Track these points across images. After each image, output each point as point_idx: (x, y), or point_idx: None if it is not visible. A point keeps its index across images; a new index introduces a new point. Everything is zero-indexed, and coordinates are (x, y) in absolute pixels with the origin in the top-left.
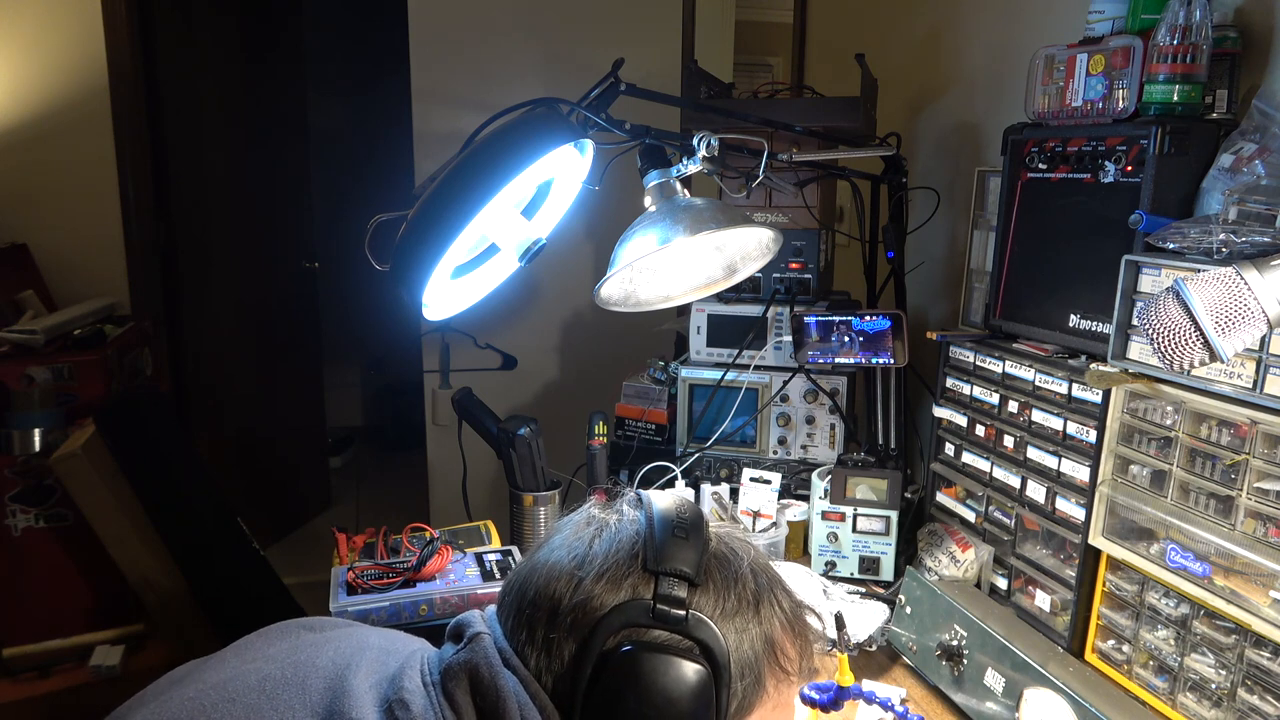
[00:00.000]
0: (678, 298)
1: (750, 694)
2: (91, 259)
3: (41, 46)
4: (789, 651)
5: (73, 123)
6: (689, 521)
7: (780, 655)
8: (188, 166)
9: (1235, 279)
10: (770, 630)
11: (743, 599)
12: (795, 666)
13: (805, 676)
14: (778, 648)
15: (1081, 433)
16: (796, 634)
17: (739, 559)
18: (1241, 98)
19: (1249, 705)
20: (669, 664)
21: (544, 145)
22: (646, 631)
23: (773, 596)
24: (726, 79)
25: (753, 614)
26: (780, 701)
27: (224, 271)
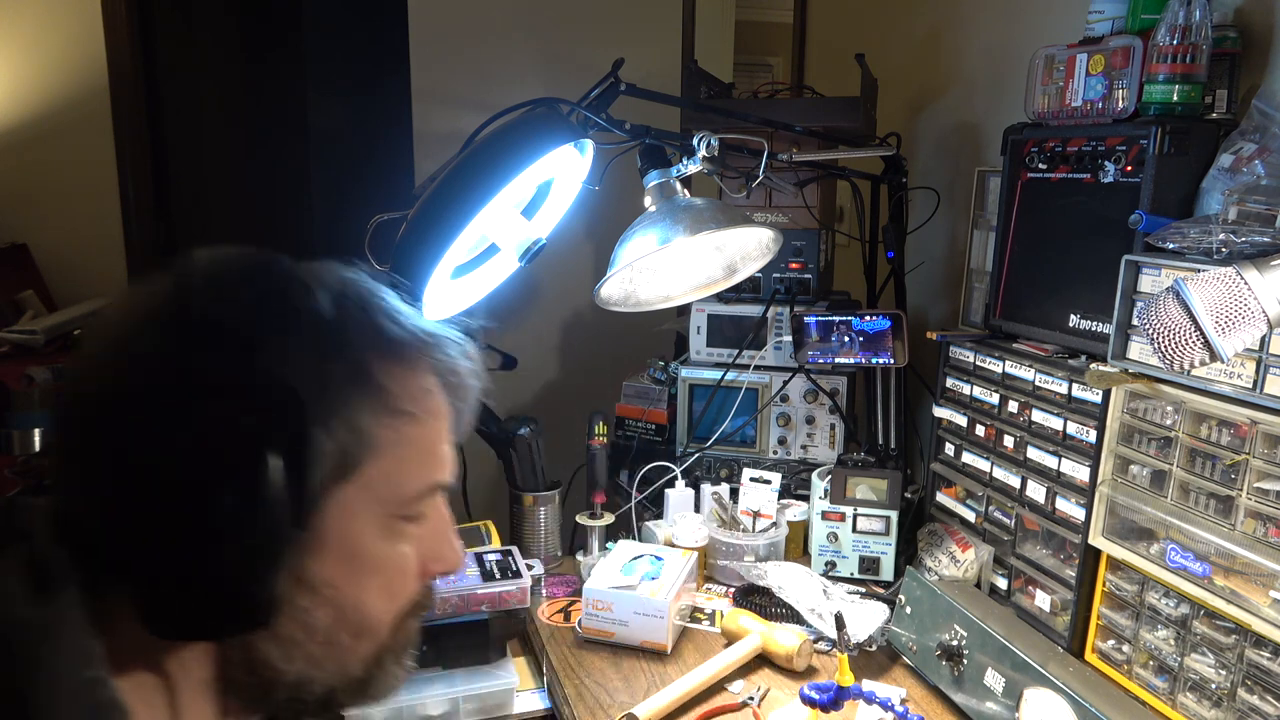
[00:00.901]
0: (678, 298)
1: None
2: (91, 259)
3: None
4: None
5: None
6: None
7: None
8: (188, 166)
9: (1235, 279)
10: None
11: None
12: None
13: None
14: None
15: (1081, 433)
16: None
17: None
18: (1241, 98)
19: (1249, 705)
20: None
21: (544, 145)
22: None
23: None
24: (726, 79)
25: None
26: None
27: None
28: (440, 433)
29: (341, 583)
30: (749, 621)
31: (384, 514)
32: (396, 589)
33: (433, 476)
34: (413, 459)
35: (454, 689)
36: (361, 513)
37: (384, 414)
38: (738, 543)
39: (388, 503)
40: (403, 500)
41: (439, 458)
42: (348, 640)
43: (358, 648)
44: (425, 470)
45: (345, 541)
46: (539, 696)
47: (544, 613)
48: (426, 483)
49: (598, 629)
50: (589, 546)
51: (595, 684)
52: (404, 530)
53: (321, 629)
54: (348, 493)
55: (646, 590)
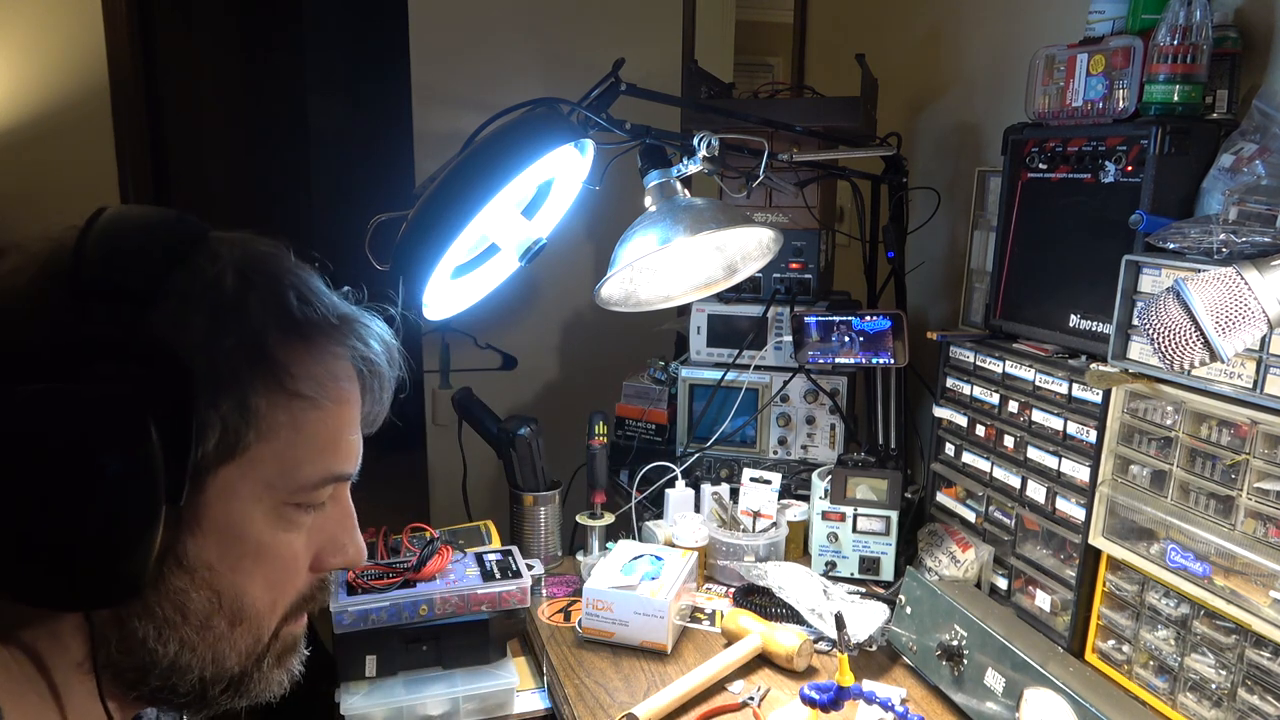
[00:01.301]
0: (678, 298)
1: (238, 425)
2: None
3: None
4: (309, 370)
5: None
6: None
7: (289, 376)
8: (188, 166)
9: (1235, 279)
10: (263, 345)
11: (219, 311)
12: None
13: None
14: (281, 367)
15: (1081, 433)
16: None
17: (216, 259)
18: (1242, 98)
19: (1249, 705)
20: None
21: (544, 145)
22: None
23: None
24: (726, 79)
25: (232, 326)
26: (308, 432)
27: None
28: (344, 421)
29: (221, 566)
30: (749, 621)
31: (273, 500)
32: (281, 579)
33: (330, 466)
34: (308, 445)
35: (454, 689)
36: (247, 496)
37: (280, 395)
38: (738, 543)
39: (277, 489)
40: (294, 487)
41: (340, 447)
42: (224, 627)
43: (235, 638)
44: (322, 459)
45: (227, 524)
46: (539, 696)
47: (544, 613)
48: (322, 472)
49: (598, 629)
50: (589, 546)
51: (595, 684)
52: (295, 519)
53: (197, 612)
54: (233, 473)
55: (646, 590)
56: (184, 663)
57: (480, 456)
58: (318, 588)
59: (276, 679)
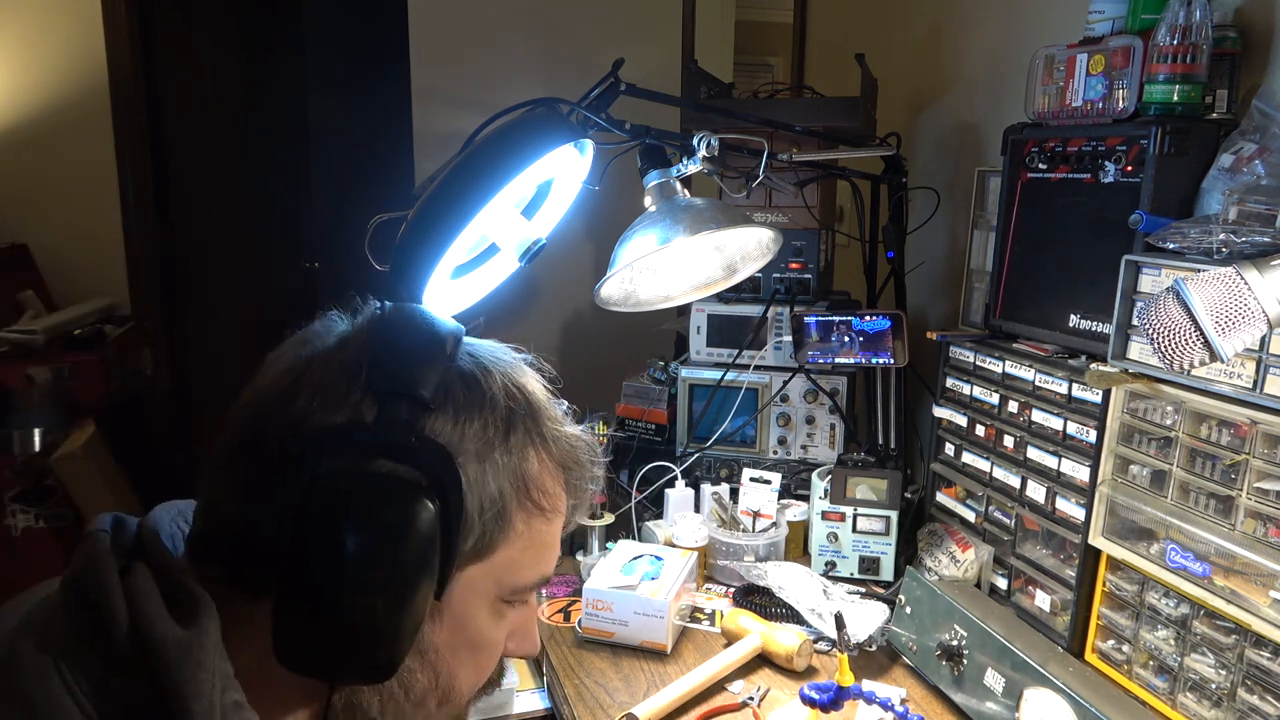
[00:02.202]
0: (678, 298)
1: (493, 530)
2: (91, 259)
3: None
4: (546, 485)
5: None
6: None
7: (535, 489)
8: (188, 166)
9: (1235, 279)
10: (522, 460)
11: (489, 424)
12: (553, 503)
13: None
14: (531, 480)
15: (1081, 433)
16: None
17: (489, 377)
18: (1241, 98)
19: (1249, 705)
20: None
21: (544, 145)
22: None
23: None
24: (726, 79)
25: (500, 441)
26: (535, 540)
27: (224, 271)
28: (558, 531)
29: (445, 651)
30: (749, 621)
31: (496, 597)
32: (485, 666)
33: (544, 570)
34: (534, 551)
35: None
36: (481, 592)
37: (526, 505)
38: (738, 543)
39: (504, 587)
40: (516, 588)
41: (553, 552)
42: (433, 706)
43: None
44: (541, 563)
45: (462, 615)
46: (539, 696)
47: (544, 613)
48: (539, 575)
49: (598, 629)
50: (589, 546)
51: (595, 684)
52: (506, 614)
53: (417, 690)
54: (477, 571)
55: (646, 590)
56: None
57: None
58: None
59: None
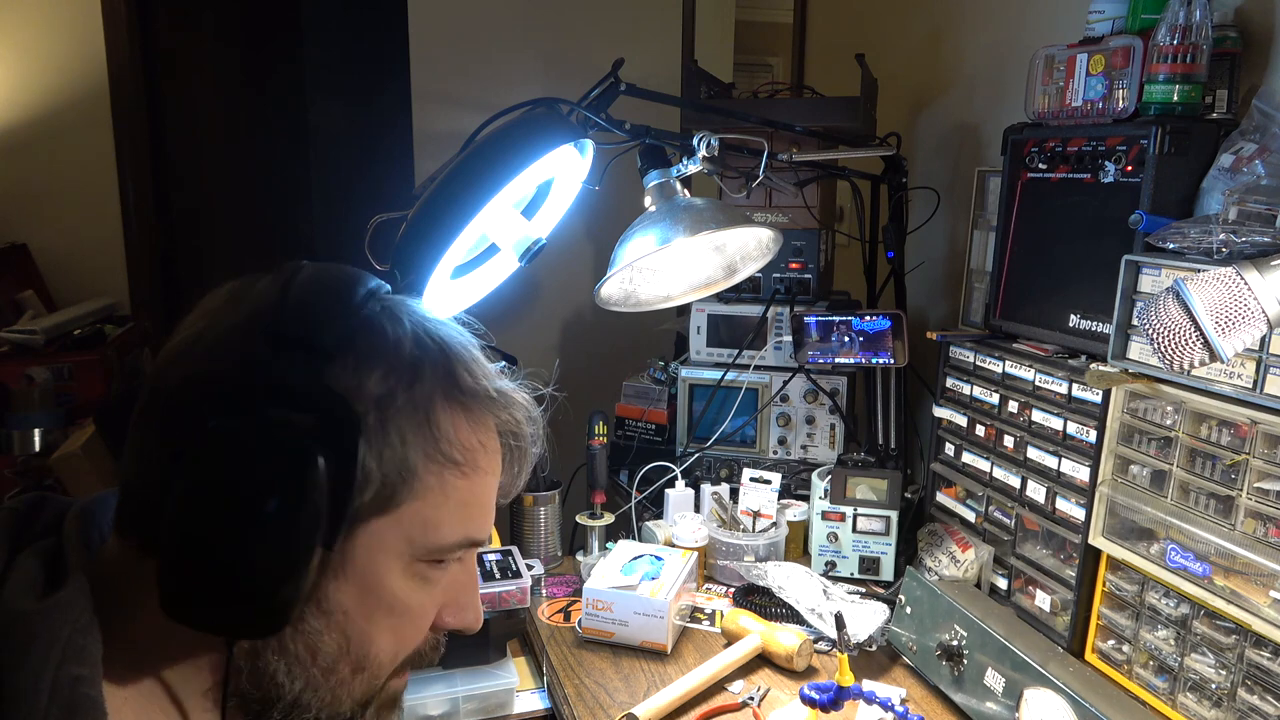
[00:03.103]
0: (678, 298)
1: (396, 482)
2: (91, 259)
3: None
4: (460, 439)
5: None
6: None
7: (445, 442)
8: (188, 166)
9: (1235, 279)
10: (429, 410)
11: (393, 371)
12: (470, 458)
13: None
14: (440, 432)
15: (1081, 433)
16: (477, 419)
17: (398, 325)
18: (1241, 98)
19: (1249, 705)
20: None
21: (544, 145)
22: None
23: (441, 372)
24: (726, 79)
25: (404, 388)
26: (452, 497)
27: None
28: (486, 490)
29: (355, 613)
30: (749, 621)
31: (411, 556)
32: (406, 633)
33: (468, 531)
34: (452, 509)
35: (454, 689)
36: (390, 549)
37: (436, 458)
38: (738, 543)
39: (418, 546)
40: (433, 548)
41: (478, 514)
42: (346, 673)
43: (353, 684)
44: (462, 523)
45: (369, 574)
46: (539, 696)
47: (544, 613)
48: (460, 535)
49: (598, 629)
50: (589, 546)
51: (595, 684)
52: (428, 576)
53: (326, 654)
54: (381, 526)
55: (646, 590)
56: (305, 701)
57: None
58: (432, 646)
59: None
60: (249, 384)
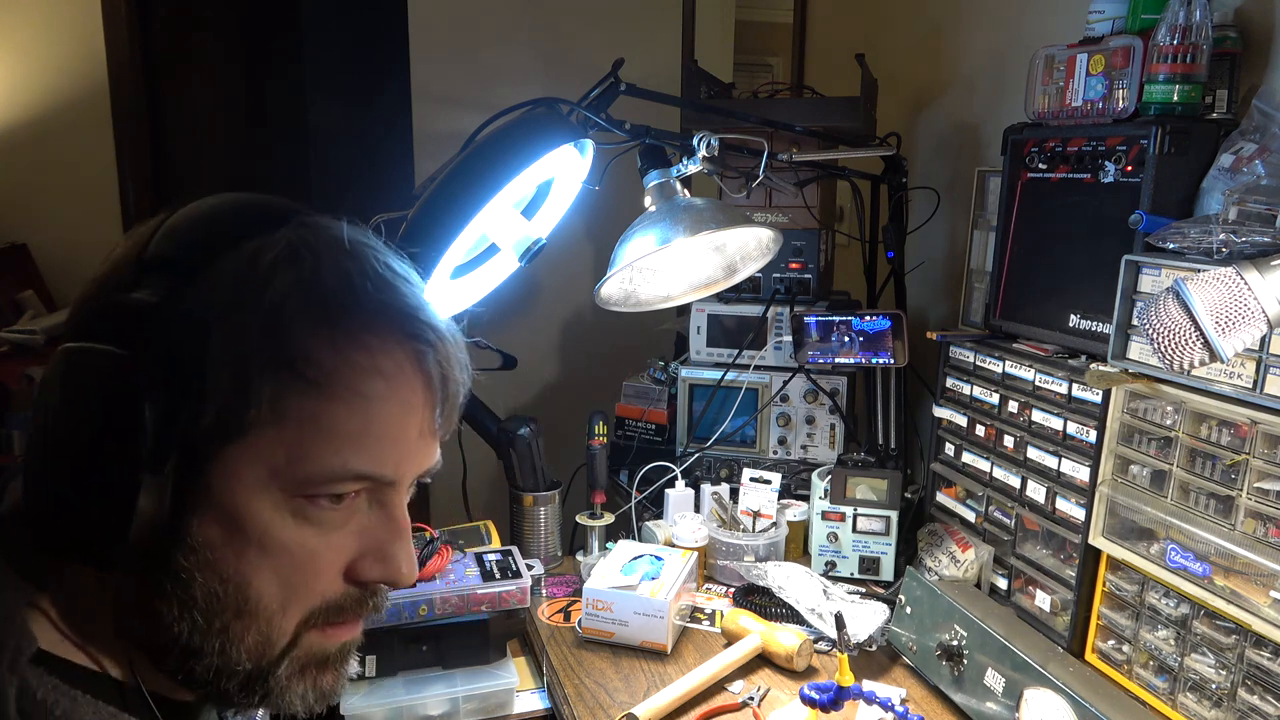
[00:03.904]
0: (678, 298)
1: (238, 405)
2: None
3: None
4: (319, 357)
5: (73, 123)
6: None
7: (300, 360)
8: (188, 166)
9: (1235, 279)
10: (276, 322)
11: (242, 284)
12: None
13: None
14: (293, 348)
15: (1081, 433)
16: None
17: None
18: (1241, 98)
19: (1249, 705)
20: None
21: (544, 145)
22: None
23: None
24: (726, 79)
25: (252, 300)
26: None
27: None
28: (379, 418)
29: (224, 551)
30: (749, 621)
31: (281, 489)
32: (294, 577)
33: (350, 463)
34: (323, 438)
35: (454, 689)
36: (252, 481)
37: (291, 380)
38: (738, 543)
39: (285, 477)
40: (305, 479)
41: (368, 444)
42: (229, 617)
43: (240, 631)
44: (339, 454)
45: (230, 507)
46: (539, 696)
47: (544, 613)
48: (338, 467)
49: (598, 629)
50: (589, 546)
51: (595, 684)
52: (312, 515)
53: (203, 596)
54: (237, 455)
55: (646, 590)
56: (195, 646)
57: (480, 456)
58: (356, 599)
59: (298, 691)
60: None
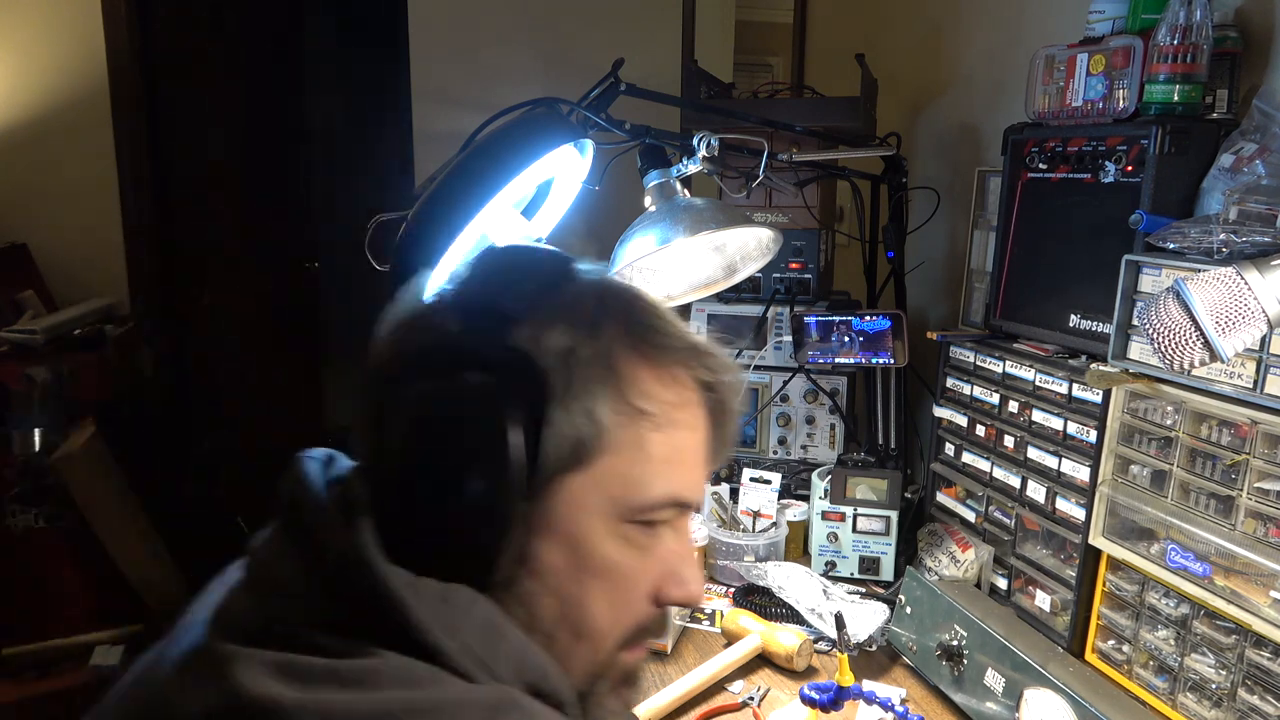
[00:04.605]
0: (678, 298)
1: (587, 435)
2: (91, 259)
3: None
4: (649, 389)
5: (73, 123)
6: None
7: (633, 392)
8: (188, 166)
9: (1235, 279)
10: (611, 359)
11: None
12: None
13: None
14: (627, 382)
15: (1082, 433)
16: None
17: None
18: (1242, 98)
19: (1249, 705)
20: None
21: (544, 145)
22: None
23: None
24: (726, 79)
25: (587, 340)
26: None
27: (224, 271)
28: (688, 447)
29: (565, 574)
30: (749, 621)
31: (614, 515)
32: (621, 600)
33: (671, 489)
34: (651, 464)
35: None
36: (591, 507)
37: (626, 411)
38: (738, 543)
39: (619, 504)
40: (635, 506)
41: (682, 471)
42: (568, 639)
43: (577, 651)
44: (662, 480)
45: (574, 533)
46: None
47: None
48: (662, 493)
49: None
50: None
51: None
52: (636, 539)
53: (544, 618)
54: (580, 483)
55: None
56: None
57: None
58: (658, 621)
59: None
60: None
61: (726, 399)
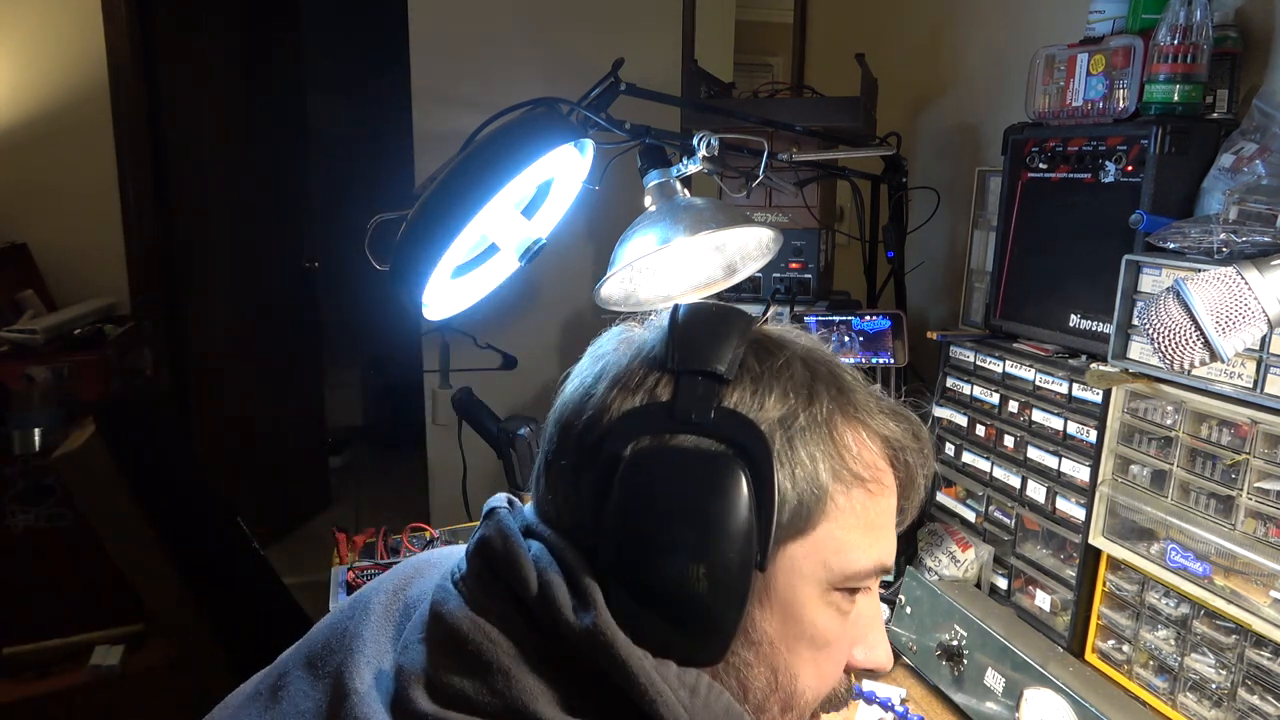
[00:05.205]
0: (678, 298)
1: (810, 501)
2: (91, 259)
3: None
4: (864, 456)
5: (73, 123)
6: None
7: (850, 458)
8: (188, 166)
9: (1236, 279)
10: (830, 427)
11: (790, 391)
12: (875, 475)
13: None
14: (844, 448)
15: (1082, 433)
16: (874, 436)
17: (784, 349)
18: (1242, 97)
19: (1249, 705)
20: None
21: (544, 145)
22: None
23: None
24: (726, 79)
25: (804, 407)
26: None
27: (224, 271)
28: (889, 511)
29: (780, 644)
30: None
31: (827, 583)
32: (826, 669)
33: (878, 555)
34: (862, 532)
35: None
36: (807, 575)
37: (843, 476)
38: None
39: (833, 571)
40: (848, 573)
41: (886, 536)
42: (776, 712)
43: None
44: (873, 545)
45: (789, 600)
46: None
47: None
48: (872, 560)
49: None
50: None
51: None
52: (843, 606)
53: (756, 690)
54: (799, 550)
55: None
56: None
57: (480, 456)
58: (846, 688)
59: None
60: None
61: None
